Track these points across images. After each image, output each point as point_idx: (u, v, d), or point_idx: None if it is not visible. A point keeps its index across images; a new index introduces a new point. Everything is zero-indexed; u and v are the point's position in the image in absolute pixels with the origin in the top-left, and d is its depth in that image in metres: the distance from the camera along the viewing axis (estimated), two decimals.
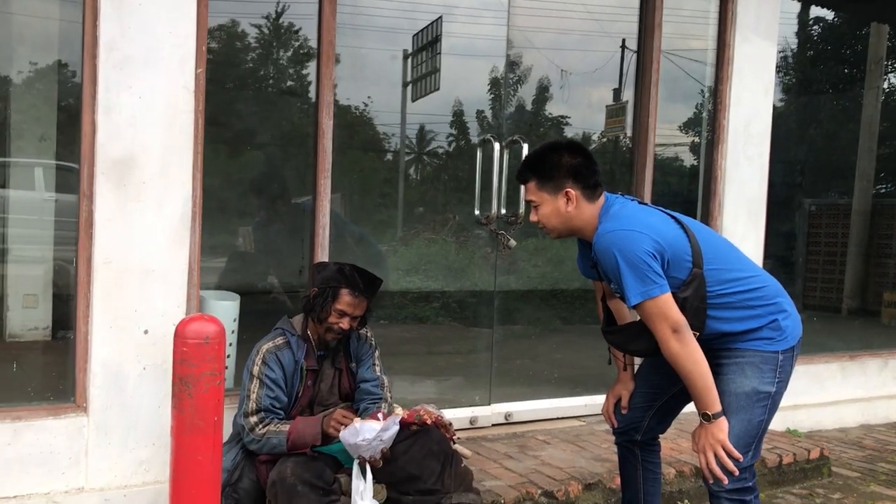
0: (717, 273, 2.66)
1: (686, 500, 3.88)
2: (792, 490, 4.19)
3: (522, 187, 3.10)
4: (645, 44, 4.81)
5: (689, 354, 2.55)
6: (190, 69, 3.45)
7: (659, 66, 4.77)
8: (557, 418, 4.72)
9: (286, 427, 3.11)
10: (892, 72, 9.14)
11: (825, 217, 8.41)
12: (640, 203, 2.82)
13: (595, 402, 4.78)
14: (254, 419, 3.13)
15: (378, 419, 3.04)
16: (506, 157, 4.37)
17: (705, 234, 2.75)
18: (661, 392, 2.96)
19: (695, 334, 2.58)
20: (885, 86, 8.43)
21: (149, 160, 3.37)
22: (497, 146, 4.32)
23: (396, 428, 3.03)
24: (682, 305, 2.58)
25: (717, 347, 2.70)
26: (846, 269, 8.21)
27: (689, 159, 5.64)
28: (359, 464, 3.03)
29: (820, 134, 8.24)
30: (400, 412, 3.12)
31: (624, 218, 2.66)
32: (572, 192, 2.73)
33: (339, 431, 3.03)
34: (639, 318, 2.69)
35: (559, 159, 2.75)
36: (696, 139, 5.48)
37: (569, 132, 5.56)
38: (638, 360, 3.11)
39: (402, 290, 5.06)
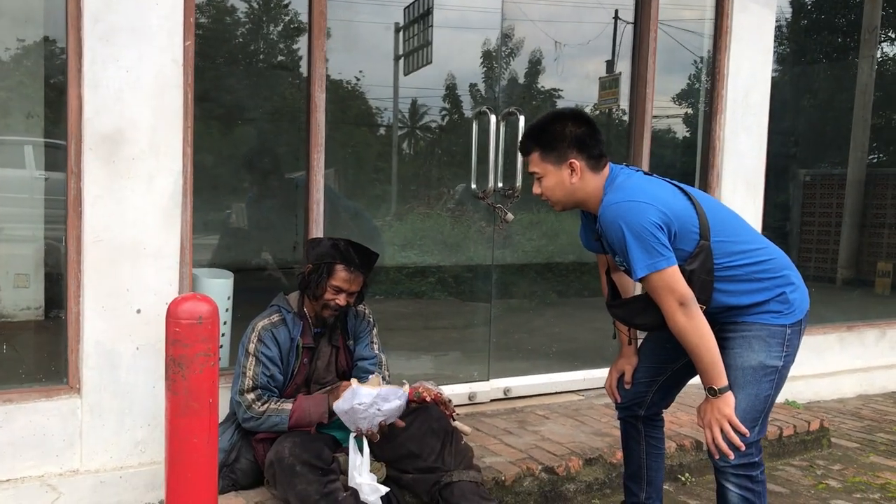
0: (724, 245, 2.60)
1: (687, 474, 3.86)
2: (792, 462, 4.18)
3: (520, 159, 3.03)
4: (642, 13, 4.72)
5: (696, 328, 2.50)
6: (178, 41, 3.36)
7: (657, 35, 4.68)
8: (556, 393, 4.69)
9: (289, 405, 3.07)
10: (885, 41, 9.09)
11: (819, 187, 8.40)
12: (645, 174, 2.75)
13: (593, 375, 4.77)
14: (250, 396, 3.08)
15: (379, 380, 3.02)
16: (502, 129, 4.30)
17: (712, 206, 2.69)
18: (665, 367, 2.92)
19: (701, 308, 2.53)
20: (879, 55, 8.38)
21: (137, 135, 3.30)
22: (493, 118, 4.23)
23: (399, 402, 2.98)
24: (689, 278, 2.52)
25: (723, 321, 2.66)
26: (841, 238, 8.22)
27: (685, 131, 5.57)
28: (355, 437, 2.99)
29: (814, 104, 8.20)
30: (407, 388, 3.07)
31: (630, 189, 2.59)
32: (577, 163, 2.66)
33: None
34: (643, 291, 2.64)
35: (563, 129, 2.67)
36: (691, 111, 5.41)
37: (562, 104, 5.48)
38: (642, 335, 3.06)
39: (398, 265, 5.00)
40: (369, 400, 2.92)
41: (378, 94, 5.22)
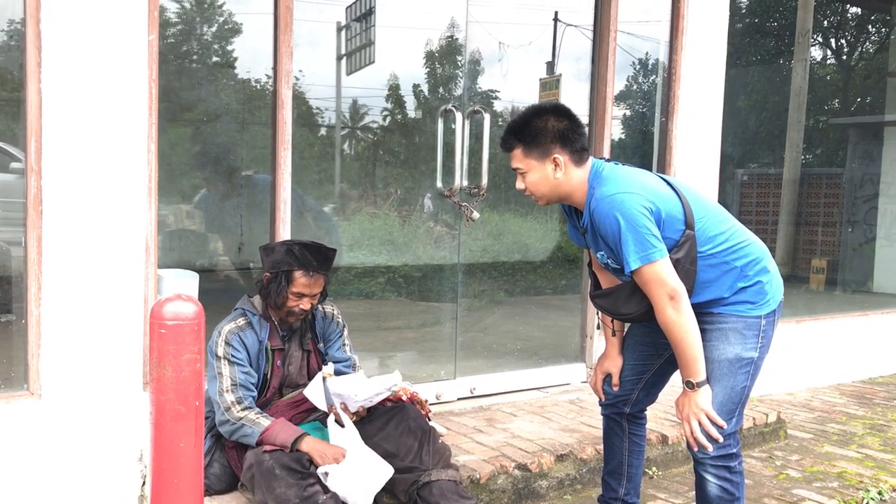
0: (703, 230, 2.64)
1: (654, 468, 3.91)
2: (752, 453, 4.27)
3: (486, 157, 2.99)
4: (602, 13, 4.76)
5: (684, 323, 2.53)
6: (142, 35, 3.27)
7: (616, 35, 4.72)
8: (520, 390, 4.70)
9: (266, 422, 2.97)
10: (815, 44, 9.37)
11: (756, 186, 8.63)
12: (625, 165, 2.77)
13: (555, 372, 4.80)
14: (230, 397, 3.00)
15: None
16: (467, 127, 4.29)
17: (693, 195, 2.72)
18: (649, 364, 2.95)
19: None
20: (811, 58, 8.66)
21: (100, 132, 3.19)
22: (459, 116, 4.23)
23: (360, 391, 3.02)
24: (674, 267, 2.55)
25: (700, 311, 2.67)
26: (777, 236, 8.45)
27: (640, 131, 5.65)
28: (335, 420, 3.00)
29: (749, 105, 8.42)
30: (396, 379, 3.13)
31: (621, 180, 2.60)
32: (560, 157, 2.65)
33: (323, 461, 2.90)
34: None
35: (545, 124, 2.65)
36: (647, 112, 5.49)
37: (506, 105, 5.49)
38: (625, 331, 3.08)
39: (370, 265, 4.96)
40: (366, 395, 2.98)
41: (323, 94, 5.16)
